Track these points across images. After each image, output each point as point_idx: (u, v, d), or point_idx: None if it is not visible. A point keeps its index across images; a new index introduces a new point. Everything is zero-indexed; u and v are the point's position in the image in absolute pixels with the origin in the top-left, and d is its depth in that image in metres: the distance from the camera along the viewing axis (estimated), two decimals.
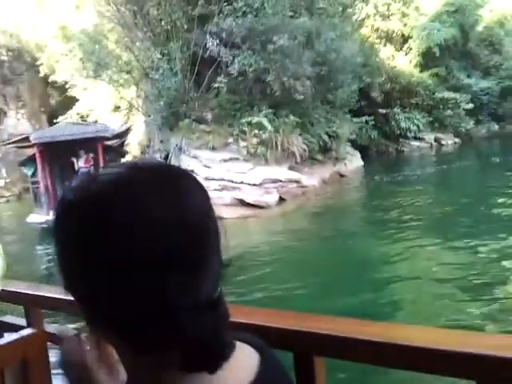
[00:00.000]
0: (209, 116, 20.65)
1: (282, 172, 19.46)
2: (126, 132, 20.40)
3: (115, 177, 0.72)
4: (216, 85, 19.64)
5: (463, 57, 33.92)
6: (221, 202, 17.39)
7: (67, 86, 41.21)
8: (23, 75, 37.75)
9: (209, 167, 18.56)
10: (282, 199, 18.59)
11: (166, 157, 22.66)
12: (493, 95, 34.10)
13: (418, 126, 31.82)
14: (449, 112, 31.87)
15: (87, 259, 0.69)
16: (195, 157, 19.26)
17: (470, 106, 31.82)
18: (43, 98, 40.48)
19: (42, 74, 39.40)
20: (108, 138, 19.31)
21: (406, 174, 23.19)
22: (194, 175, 0.83)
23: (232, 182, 17.87)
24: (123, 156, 21.75)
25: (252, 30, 18.73)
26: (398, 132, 31.66)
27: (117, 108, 37.66)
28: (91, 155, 19.71)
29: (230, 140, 20.27)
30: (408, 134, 31.82)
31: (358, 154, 26.12)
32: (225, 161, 19.22)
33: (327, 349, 1.22)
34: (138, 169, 0.75)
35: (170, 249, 0.68)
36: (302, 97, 19.28)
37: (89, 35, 22.59)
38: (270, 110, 19.64)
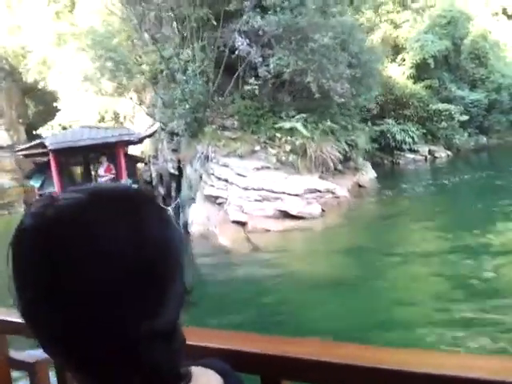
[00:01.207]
0: (234, 122, 18.35)
1: (319, 182, 17.35)
2: (153, 135, 17.75)
3: (73, 203, 0.68)
4: (247, 87, 17.38)
5: (453, 69, 32.77)
6: (262, 214, 15.20)
7: (50, 95, 38.52)
8: (1, 84, 34.31)
9: (244, 176, 16.30)
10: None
11: (179, 167, 20.32)
12: (481, 108, 33.08)
13: (412, 138, 30.47)
14: (443, 124, 30.58)
15: (40, 287, 0.65)
16: (225, 165, 16.96)
17: (465, 117, 30.63)
18: (21, 108, 37.23)
19: (28, 81, 36.28)
20: (133, 143, 16.76)
21: (425, 185, 21.58)
22: (159, 203, 0.76)
23: (272, 192, 15.67)
24: (141, 162, 19.20)
25: (289, 27, 16.60)
26: (393, 144, 30.13)
27: (102, 118, 35.13)
28: (111, 164, 17.23)
29: (257, 147, 18.05)
30: (403, 146, 30.36)
31: (369, 165, 24.29)
32: (257, 169, 16.97)
33: (295, 372, 1.13)
34: (98, 195, 0.70)
35: (125, 280, 0.64)
36: (342, 100, 17.23)
37: (102, 35, 19.92)
38: (303, 115, 17.50)
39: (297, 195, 15.86)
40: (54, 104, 36.60)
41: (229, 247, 13.59)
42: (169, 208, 17.11)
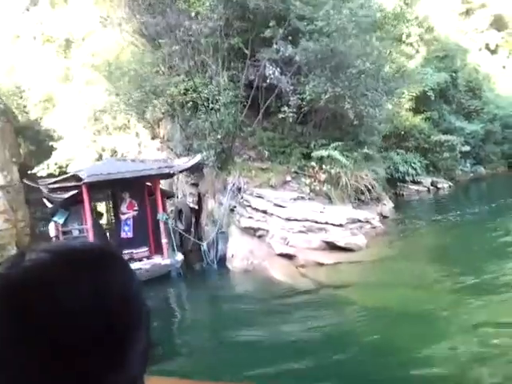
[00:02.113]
0: (264, 152, 17.30)
1: (357, 212, 16.33)
2: (194, 167, 16.50)
3: (38, 264, 0.67)
4: (276, 117, 16.39)
5: (450, 101, 32.52)
6: (307, 246, 14.01)
7: (44, 135, 37.21)
8: None
9: (283, 207, 15.13)
10: None
11: (199, 200, 19.12)
12: (478, 138, 32.84)
13: (415, 170, 29.81)
14: (445, 155, 30.09)
15: (2, 346, 0.64)
16: (260, 196, 15.80)
17: (467, 148, 30.22)
18: (14, 148, 35.53)
19: (22, 121, 34.96)
20: (171, 176, 15.53)
21: (445, 216, 20.70)
22: (122, 257, 0.75)
23: (316, 222, 14.54)
24: (169, 197, 17.87)
25: (325, 54, 15.74)
26: (397, 175, 29.42)
27: (100, 157, 33.78)
28: (133, 200, 15.92)
29: (288, 178, 17.01)
30: (406, 177, 29.63)
31: (386, 196, 23.38)
32: (294, 200, 15.86)
33: None
34: (64, 255, 0.69)
35: (89, 338, 0.63)
36: (383, 125, 16.38)
37: (123, 67, 18.81)
38: (338, 143, 16.55)
39: (340, 225, 14.72)
40: (51, 143, 35.17)
41: (285, 282, 12.35)
42: (203, 244, 15.85)
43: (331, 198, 16.81)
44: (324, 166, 16.38)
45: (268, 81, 16.36)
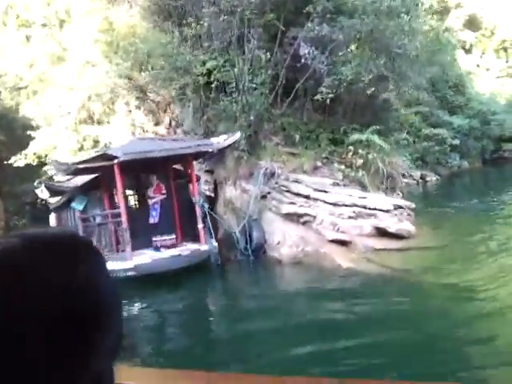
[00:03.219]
0: (296, 136, 16.12)
1: (397, 199, 15.39)
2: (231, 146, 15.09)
3: (7, 247, 0.63)
4: (317, 97, 15.23)
5: (438, 96, 32.22)
6: (358, 232, 12.94)
7: (18, 124, 34.94)
8: None
9: (326, 192, 14.03)
10: None
11: (215, 188, 17.80)
12: (463, 133, 32.67)
13: (407, 164, 29.17)
14: (435, 148, 29.68)
15: None
16: (297, 181, 14.63)
17: (457, 141, 29.92)
18: None
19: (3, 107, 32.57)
20: (211, 153, 14.11)
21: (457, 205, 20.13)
22: (94, 246, 0.71)
23: (365, 208, 13.46)
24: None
25: (367, 33, 14.71)
26: None
27: (81, 147, 31.78)
28: (160, 183, 14.50)
29: (318, 163, 15.91)
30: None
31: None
32: (333, 185, 14.79)
33: None
34: (34, 240, 0.65)
35: (52, 325, 0.60)
36: (427, 109, 15.50)
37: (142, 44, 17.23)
38: (375, 127, 15.54)
39: (388, 211, 13.73)
40: (29, 132, 32.84)
41: (354, 268, 11.24)
42: (236, 231, 14.55)
43: (364, 184, 15.78)
44: (360, 151, 15.28)
45: (303, 60, 15.09)
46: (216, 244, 13.95)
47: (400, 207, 14.68)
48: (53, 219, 19.59)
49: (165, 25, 17.90)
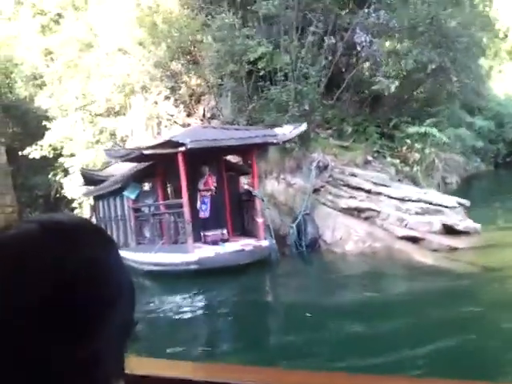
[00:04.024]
0: (348, 128, 15.31)
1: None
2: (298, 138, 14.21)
3: (24, 233, 0.64)
4: (376, 87, 14.42)
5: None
6: (428, 229, 12.13)
7: (32, 115, 33.85)
8: None
9: (387, 186, 13.23)
10: None
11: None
12: (482, 135, 31.91)
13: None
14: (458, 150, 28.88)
15: None
16: (354, 175, 13.80)
17: (480, 143, 29.17)
18: (2, 126, 31.85)
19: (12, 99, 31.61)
20: (276, 145, 13.25)
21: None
22: (108, 236, 0.71)
23: (431, 204, 12.66)
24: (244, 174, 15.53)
25: (425, 21, 13.91)
26: None
27: (97, 141, 30.81)
28: (212, 175, 13.60)
29: (369, 157, 15.11)
30: None
31: None
32: (390, 180, 14.01)
33: None
34: (52, 226, 0.65)
35: (60, 311, 0.59)
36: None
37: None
38: (433, 120, 14.75)
39: (453, 208, 12.95)
40: (44, 123, 31.79)
41: (437, 266, 10.43)
42: (293, 226, 13.69)
43: (416, 180, 15.01)
44: (417, 145, 14.49)
45: (358, 48, 14.26)
46: (274, 240, 13.12)
47: (460, 204, 13.90)
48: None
49: (212, 9, 16.92)
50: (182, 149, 11.51)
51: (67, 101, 29.85)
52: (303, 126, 13.06)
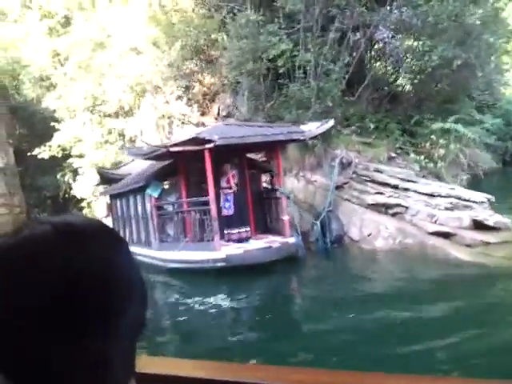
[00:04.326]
0: (370, 125, 15.07)
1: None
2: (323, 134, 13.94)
3: (36, 235, 0.63)
4: (397, 83, 14.19)
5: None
6: (457, 224, 11.88)
7: (40, 116, 33.59)
8: None
9: (414, 181, 13.02)
10: None
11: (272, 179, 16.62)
12: (492, 133, 31.63)
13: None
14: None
15: None
16: (379, 171, 13.56)
17: (492, 141, 28.88)
18: (10, 127, 31.56)
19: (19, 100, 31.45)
20: (302, 141, 13.00)
21: None
22: (120, 237, 0.70)
23: (460, 199, 12.42)
24: (265, 172, 15.27)
25: (454, 17, 13.70)
26: None
27: (106, 141, 30.59)
28: (234, 173, 13.34)
29: (392, 153, 14.89)
30: None
31: None
32: (416, 176, 13.78)
33: None
34: (64, 227, 0.64)
35: (71, 310, 0.59)
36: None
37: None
38: (457, 116, 14.54)
39: (482, 203, 12.70)
40: (52, 124, 31.57)
41: (477, 262, 10.13)
42: (317, 222, 13.45)
43: (440, 176, 14.77)
44: (441, 141, 14.26)
45: (381, 45, 14.03)
46: (300, 237, 12.88)
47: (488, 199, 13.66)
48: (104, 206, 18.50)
49: (232, 7, 16.68)
50: (210, 145, 11.26)
51: (76, 102, 29.63)
52: (330, 122, 12.82)
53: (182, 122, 22.30)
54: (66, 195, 33.46)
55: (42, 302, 0.57)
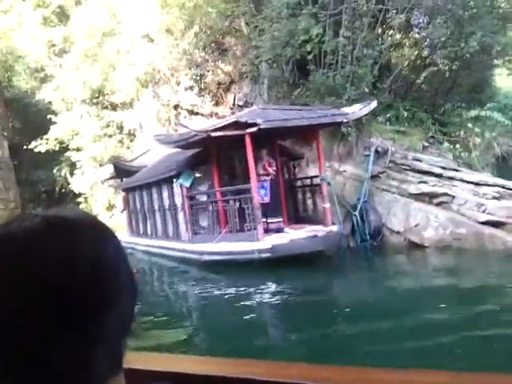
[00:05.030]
0: (403, 112, 14.44)
1: None
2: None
3: (27, 228, 0.61)
4: (431, 69, 13.56)
5: None
6: (505, 213, 11.30)
7: (34, 109, 32.41)
8: None
9: (458, 170, 12.40)
10: None
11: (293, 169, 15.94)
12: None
13: None
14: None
15: None
16: (418, 160, 12.93)
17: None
18: (4, 120, 30.25)
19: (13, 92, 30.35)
20: (345, 123, 12.23)
21: None
22: (111, 231, 0.68)
23: (505, 188, 11.82)
24: (295, 159, 14.51)
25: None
26: None
27: (105, 134, 29.60)
28: (270, 159, 12.61)
29: (425, 142, 14.29)
30: None
31: None
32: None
33: None
34: (55, 222, 0.63)
35: (59, 304, 0.57)
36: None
37: None
38: (493, 104, 13.99)
39: None
40: (49, 117, 30.44)
41: None
42: (355, 213, 12.76)
43: (472, 165, 14.20)
44: (477, 129, 13.69)
45: (416, 30, 13.40)
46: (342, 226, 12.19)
47: None
48: (120, 200, 17.54)
49: None
50: (253, 130, 10.43)
51: (74, 93, 28.52)
52: (373, 104, 12.11)
53: (191, 113, 21.41)
54: (63, 190, 32.29)
55: (30, 301, 0.55)
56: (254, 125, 10.37)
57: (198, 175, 12.66)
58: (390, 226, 12.58)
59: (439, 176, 12.29)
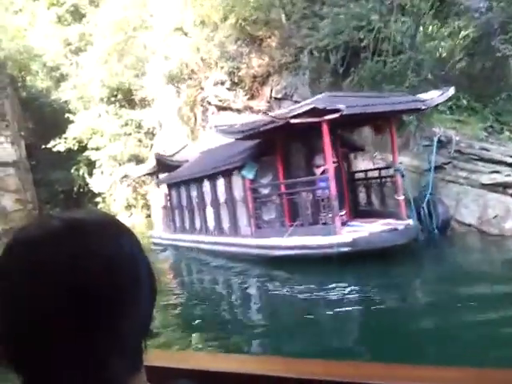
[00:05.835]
0: (463, 101, 13.65)
1: None
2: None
3: (45, 230, 0.60)
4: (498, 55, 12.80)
5: None
6: None
7: (50, 108, 31.62)
8: (6, 91, 26.31)
9: None
10: None
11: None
12: None
13: None
14: None
15: None
16: (485, 149, 12.15)
17: None
18: (21, 120, 29.27)
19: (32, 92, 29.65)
20: (424, 110, 11.38)
21: None
22: (132, 232, 0.65)
23: None
24: (355, 150, 13.70)
25: None
26: None
27: (124, 133, 28.89)
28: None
29: (484, 132, 13.51)
30: None
31: None
32: None
33: None
34: (74, 224, 0.61)
35: (73, 304, 0.56)
36: None
37: None
38: None
39: None
40: (67, 116, 29.63)
41: None
42: (424, 206, 11.97)
43: None
44: None
45: (476, 15, 12.64)
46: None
47: None
48: (161, 196, 16.65)
49: None
50: (333, 116, 9.59)
51: (92, 91, 27.69)
52: (451, 91, 11.29)
53: (220, 109, 20.56)
54: (81, 190, 31.42)
55: (47, 299, 0.54)
56: (335, 111, 9.53)
57: (265, 165, 11.83)
58: (458, 218, 11.80)
59: (510, 165, 11.54)
